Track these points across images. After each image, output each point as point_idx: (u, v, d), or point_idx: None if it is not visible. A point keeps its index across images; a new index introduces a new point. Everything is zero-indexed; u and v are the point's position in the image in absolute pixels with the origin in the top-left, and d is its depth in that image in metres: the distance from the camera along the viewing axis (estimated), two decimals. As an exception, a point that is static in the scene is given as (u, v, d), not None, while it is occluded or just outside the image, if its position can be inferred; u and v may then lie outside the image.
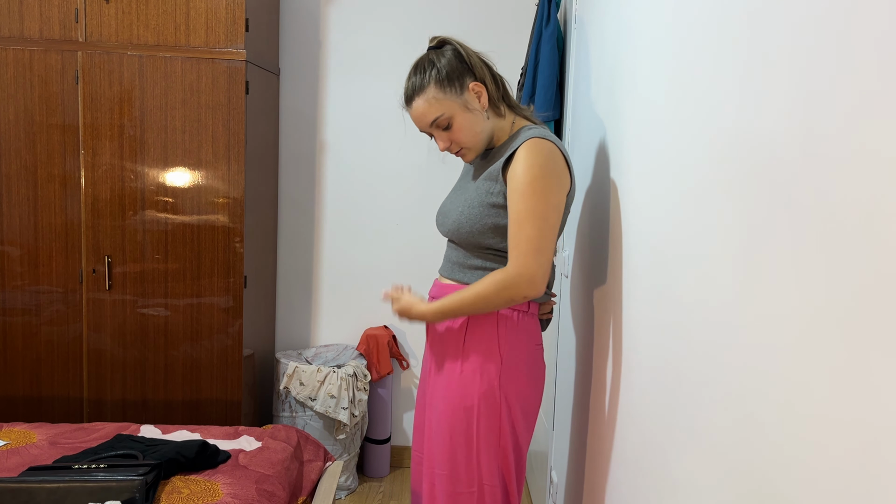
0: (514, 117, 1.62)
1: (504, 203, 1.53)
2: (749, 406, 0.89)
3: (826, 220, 0.72)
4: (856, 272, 0.66)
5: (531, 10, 2.81)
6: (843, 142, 0.69)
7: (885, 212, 0.62)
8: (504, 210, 1.53)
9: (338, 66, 3.03)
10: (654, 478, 1.25)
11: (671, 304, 1.20)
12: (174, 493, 1.75)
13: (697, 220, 1.09)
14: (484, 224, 1.55)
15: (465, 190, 1.65)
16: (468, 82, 1.53)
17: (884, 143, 0.62)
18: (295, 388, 2.75)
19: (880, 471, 0.62)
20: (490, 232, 1.56)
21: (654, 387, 1.28)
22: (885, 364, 0.61)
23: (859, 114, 0.67)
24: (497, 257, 1.58)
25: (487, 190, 1.56)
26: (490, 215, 1.55)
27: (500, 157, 1.55)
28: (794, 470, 0.77)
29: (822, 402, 0.72)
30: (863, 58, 0.66)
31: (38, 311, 2.57)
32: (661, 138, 1.29)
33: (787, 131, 0.81)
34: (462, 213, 1.59)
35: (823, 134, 0.73)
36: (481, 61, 1.57)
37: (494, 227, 1.55)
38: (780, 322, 0.81)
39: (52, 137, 2.51)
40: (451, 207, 1.65)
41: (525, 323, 1.59)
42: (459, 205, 1.62)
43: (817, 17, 0.75)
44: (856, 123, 0.67)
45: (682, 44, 1.19)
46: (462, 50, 1.56)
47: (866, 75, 0.66)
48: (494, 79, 1.59)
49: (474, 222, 1.56)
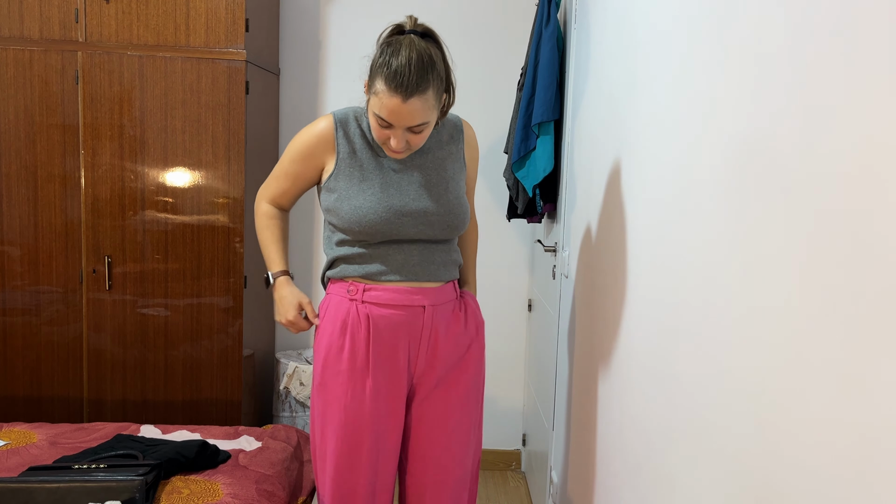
0: None
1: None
2: (749, 406, 0.89)
3: (826, 220, 0.72)
4: (856, 272, 0.66)
5: (531, 10, 2.82)
6: (843, 141, 0.69)
7: (885, 211, 0.62)
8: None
9: (338, 66, 3.03)
10: (654, 478, 1.25)
11: (671, 304, 1.20)
12: (174, 493, 1.75)
13: (698, 220, 1.09)
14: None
15: (427, 180, 1.59)
16: (443, 95, 1.51)
17: (883, 142, 0.62)
18: (295, 388, 2.75)
19: (880, 471, 0.62)
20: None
21: (653, 386, 1.28)
22: (886, 364, 0.61)
23: (858, 113, 0.67)
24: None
25: (461, 177, 1.65)
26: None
27: (450, 143, 1.64)
28: (795, 470, 0.77)
29: (822, 402, 0.72)
30: (863, 57, 0.66)
31: (38, 311, 2.57)
32: (661, 138, 1.29)
33: (786, 130, 0.81)
34: (458, 207, 1.61)
35: (823, 133, 0.73)
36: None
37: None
38: (781, 322, 0.81)
39: (52, 137, 2.51)
40: (430, 204, 1.57)
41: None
42: (445, 199, 1.58)
43: (817, 17, 0.75)
44: (855, 122, 0.67)
45: (682, 43, 1.20)
46: (447, 57, 1.51)
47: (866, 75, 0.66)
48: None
49: (467, 213, 1.64)
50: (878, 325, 0.62)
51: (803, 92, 0.78)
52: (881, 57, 0.63)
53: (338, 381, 1.57)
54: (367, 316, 1.55)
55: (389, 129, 1.47)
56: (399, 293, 1.56)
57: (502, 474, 3.16)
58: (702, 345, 1.05)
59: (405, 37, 1.46)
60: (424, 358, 1.60)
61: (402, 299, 1.56)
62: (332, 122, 1.60)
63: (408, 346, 1.58)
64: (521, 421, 3.20)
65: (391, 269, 1.56)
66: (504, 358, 3.14)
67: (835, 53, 0.71)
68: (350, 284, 1.58)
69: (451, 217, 1.59)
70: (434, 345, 1.60)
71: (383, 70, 1.42)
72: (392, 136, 1.48)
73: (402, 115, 1.44)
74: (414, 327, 1.57)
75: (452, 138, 1.66)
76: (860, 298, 0.65)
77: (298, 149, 1.61)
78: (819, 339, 0.72)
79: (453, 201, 1.60)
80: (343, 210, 1.55)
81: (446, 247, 1.63)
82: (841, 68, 0.70)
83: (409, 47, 1.42)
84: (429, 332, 1.59)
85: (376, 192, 1.54)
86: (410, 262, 1.57)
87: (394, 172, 1.58)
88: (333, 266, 1.62)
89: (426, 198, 1.57)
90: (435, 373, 1.62)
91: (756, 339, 0.87)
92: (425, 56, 1.43)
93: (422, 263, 1.58)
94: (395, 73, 1.40)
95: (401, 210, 1.54)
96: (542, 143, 2.30)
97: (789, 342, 0.79)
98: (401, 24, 1.49)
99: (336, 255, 1.60)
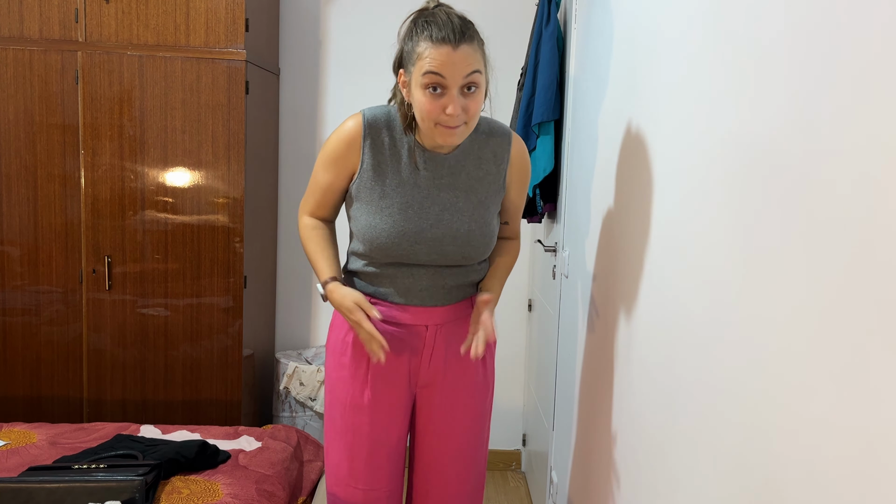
0: None
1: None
2: (749, 406, 0.89)
3: (827, 220, 0.72)
4: (857, 273, 0.66)
5: (531, 10, 2.82)
6: (843, 141, 0.69)
7: (887, 214, 0.62)
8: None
9: (338, 66, 3.03)
10: (654, 478, 1.25)
11: (674, 304, 1.20)
12: (174, 494, 1.75)
13: (698, 220, 1.09)
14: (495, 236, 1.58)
15: (452, 204, 1.49)
16: (487, 59, 1.43)
17: (882, 141, 0.62)
18: (295, 388, 2.75)
19: (881, 471, 0.62)
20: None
21: (654, 387, 1.28)
22: (886, 365, 0.61)
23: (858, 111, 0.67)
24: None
25: (494, 201, 1.54)
26: (497, 224, 1.57)
27: (491, 162, 1.52)
28: (795, 470, 0.77)
29: (823, 403, 0.71)
30: (861, 57, 0.66)
31: (38, 311, 2.57)
32: (662, 139, 1.29)
33: (786, 130, 0.81)
34: (481, 236, 1.51)
35: (822, 132, 0.73)
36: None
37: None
38: (781, 322, 0.81)
39: (52, 137, 2.51)
40: (449, 232, 1.48)
41: None
42: (467, 227, 1.49)
43: (816, 17, 0.75)
44: (854, 121, 0.67)
45: (684, 44, 1.19)
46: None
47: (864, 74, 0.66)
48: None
49: (491, 240, 1.54)
50: (879, 325, 0.62)
51: (807, 94, 0.78)
52: (884, 58, 0.63)
53: (340, 385, 1.57)
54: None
55: (443, 94, 1.35)
56: (403, 312, 1.52)
57: (502, 474, 3.16)
58: (703, 346, 1.05)
59: (434, 9, 1.40)
60: (427, 371, 1.56)
61: (406, 318, 1.52)
62: (360, 126, 1.48)
63: (409, 360, 1.55)
64: (521, 421, 3.20)
65: (397, 292, 1.51)
66: (504, 358, 3.13)
67: (837, 54, 0.71)
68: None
69: (468, 248, 1.50)
70: (439, 358, 1.56)
71: (424, 32, 1.35)
72: (448, 103, 1.35)
73: (456, 63, 1.33)
74: (416, 343, 1.54)
75: (496, 157, 1.54)
76: (861, 300, 0.65)
77: (327, 156, 1.52)
78: (820, 339, 0.72)
79: (476, 230, 1.50)
80: (359, 224, 1.50)
81: (463, 270, 1.54)
82: (845, 69, 0.70)
83: (441, 11, 1.38)
84: (431, 349, 1.55)
85: (393, 214, 1.46)
86: (417, 286, 1.51)
87: (418, 190, 1.48)
88: (349, 273, 1.58)
89: (446, 224, 1.48)
90: (439, 386, 1.58)
91: (757, 340, 0.87)
92: (461, 15, 1.38)
93: (429, 289, 1.51)
94: (438, 28, 1.33)
95: (416, 237, 1.46)
96: (543, 143, 2.30)
97: (790, 343, 0.79)
98: (422, 7, 1.43)
99: (347, 267, 1.59)
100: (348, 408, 1.56)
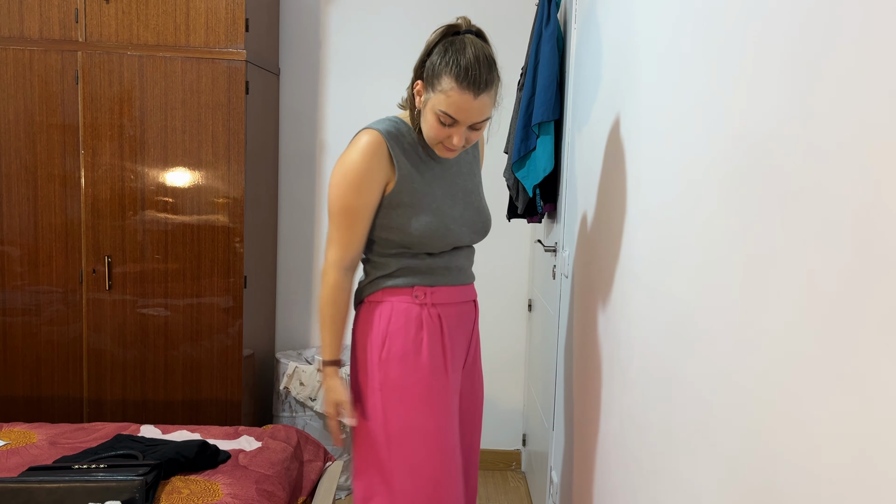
0: None
1: None
2: (749, 406, 0.89)
3: (827, 220, 0.72)
4: (857, 273, 0.66)
5: (531, 10, 2.82)
6: (841, 140, 0.69)
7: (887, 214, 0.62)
8: None
9: (338, 66, 3.03)
10: (654, 478, 1.25)
11: (671, 304, 1.20)
12: (174, 493, 1.75)
13: (697, 220, 1.09)
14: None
15: (465, 187, 1.64)
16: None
17: (880, 139, 0.62)
18: (295, 388, 2.75)
19: (881, 471, 0.62)
20: None
21: (653, 387, 1.28)
22: (886, 365, 0.61)
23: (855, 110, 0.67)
24: None
25: (481, 180, 1.72)
26: None
27: (472, 147, 1.69)
28: (795, 471, 0.77)
29: (823, 403, 0.71)
30: (860, 56, 0.66)
31: (38, 311, 2.57)
32: (661, 139, 1.29)
33: (788, 132, 0.81)
34: (488, 211, 1.68)
35: (819, 132, 0.73)
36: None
37: None
38: (781, 323, 0.81)
39: (52, 137, 2.51)
40: (474, 211, 1.64)
41: None
42: (481, 205, 1.66)
43: (812, 15, 0.75)
44: (854, 120, 0.67)
45: (684, 43, 1.19)
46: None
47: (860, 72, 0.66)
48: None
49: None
50: (879, 326, 0.62)
51: (806, 94, 0.78)
52: (884, 59, 0.63)
53: (420, 383, 1.56)
54: (438, 317, 1.58)
55: (453, 126, 1.46)
56: (456, 292, 1.63)
57: (502, 474, 3.16)
58: (702, 345, 1.05)
59: (465, 36, 1.47)
60: (472, 350, 1.70)
61: (459, 296, 1.64)
62: (381, 137, 1.52)
63: (468, 339, 1.68)
64: (521, 421, 3.20)
65: (450, 274, 1.62)
66: (504, 358, 3.14)
67: (838, 55, 0.71)
68: (415, 290, 1.56)
69: (488, 223, 1.67)
70: (476, 335, 1.72)
71: (452, 68, 1.42)
72: (454, 134, 1.47)
73: (472, 111, 1.45)
74: (468, 322, 1.67)
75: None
76: (861, 300, 0.65)
77: (357, 178, 1.50)
78: (819, 341, 0.72)
79: (485, 207, 1.68)
80: (411, 226, 1.53)
81: (473, 247, 1.72)
82: (845, 69, 0.70)
83: (472, 45, 1.44)
84: (472, 325, 1.69)
85: (442, 206, 1.56)
86: (463, 265, 1.65)
87: (445, 181, 1.59)
88: (395, 276, 1.57)
89: (471, 205, 1.63)
90: (468, 365, 1.70)
91: (756, 340, 0.87)
92: (488, 54, 1.46)
93: (465, 267, 1.66)
94: (465, 71, 1.41)
95: (461, 221, 1.60)
96: (542, 143, 2.30)
97: (790, 343, 0.79)
98: (454, 24, 1.49)
99: (399, 266, 1.57)
100: (437, 402, 1.57)
